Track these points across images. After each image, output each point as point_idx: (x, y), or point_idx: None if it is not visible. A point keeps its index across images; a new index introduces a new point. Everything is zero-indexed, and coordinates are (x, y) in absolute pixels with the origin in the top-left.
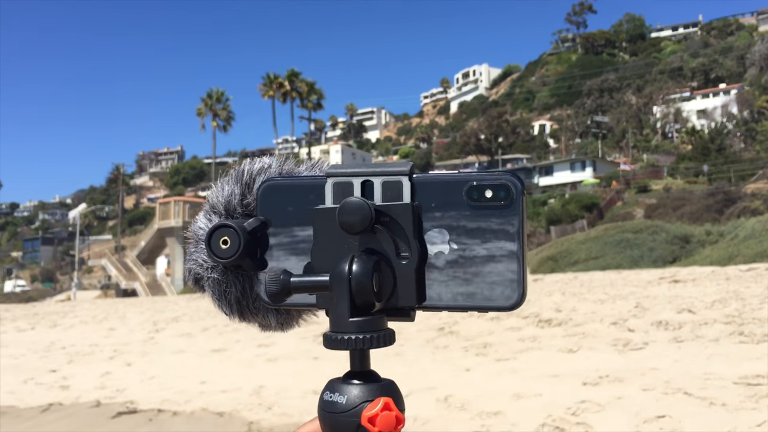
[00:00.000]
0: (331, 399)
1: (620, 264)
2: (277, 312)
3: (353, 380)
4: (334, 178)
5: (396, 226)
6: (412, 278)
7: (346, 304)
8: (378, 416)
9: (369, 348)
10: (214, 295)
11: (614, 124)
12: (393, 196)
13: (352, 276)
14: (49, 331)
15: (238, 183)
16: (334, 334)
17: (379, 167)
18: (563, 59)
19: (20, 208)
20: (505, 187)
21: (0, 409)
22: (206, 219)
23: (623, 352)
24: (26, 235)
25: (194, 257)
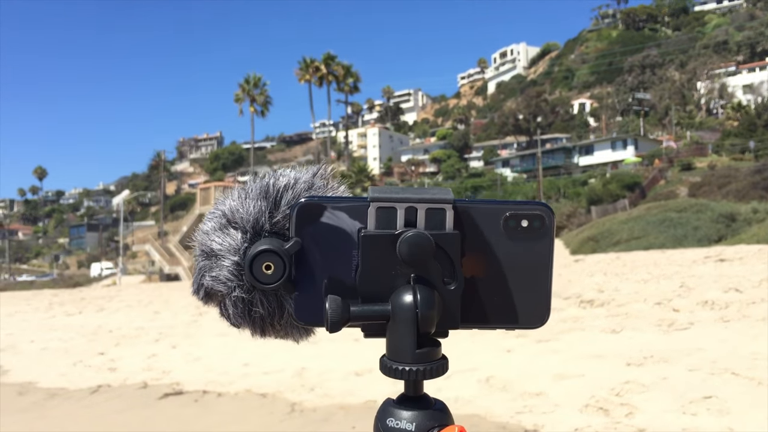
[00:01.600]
0: (398, 426)
1: (663, 243)
2: (301, 328)
3: (413, 406)
4: (378, 203)
5: (443, 254)
6: (457, 304)
7: (410, 335)
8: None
9: (427, 379)
10: (237, 312)
11: (656, 101)
12: (436, 224)
13: (419, 308)
14: (96, 315)
15: (265, 199)
16: (392, 363)
17: (423, 194)
18: (603, 36)
19: (66, 196)
20: (540, 218)
21: (51, 391)
22: (223, 233)
23: (668, 333)
24: (72, 221)
25: (213, 273)
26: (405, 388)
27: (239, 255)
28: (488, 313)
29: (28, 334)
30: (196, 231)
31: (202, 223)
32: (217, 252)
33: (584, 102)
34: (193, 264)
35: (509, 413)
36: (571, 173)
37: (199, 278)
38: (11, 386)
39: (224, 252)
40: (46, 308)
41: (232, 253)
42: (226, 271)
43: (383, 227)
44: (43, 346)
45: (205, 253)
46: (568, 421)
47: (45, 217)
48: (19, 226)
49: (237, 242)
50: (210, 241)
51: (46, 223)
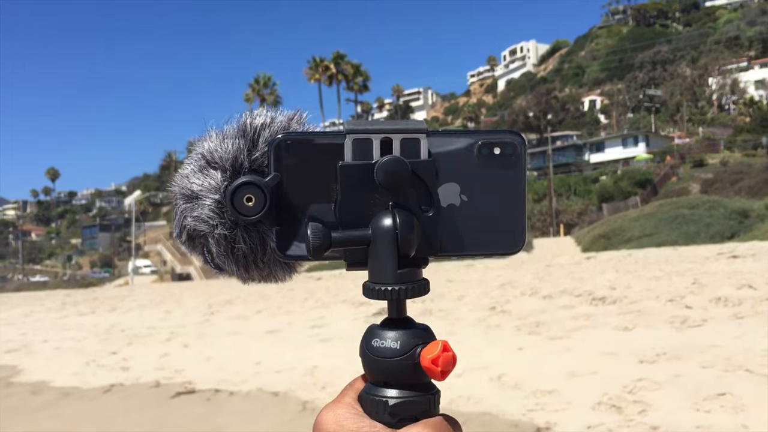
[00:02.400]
0: (383, 345)
1: (676, 240)
2: (284, 265)
3: (397, 326)
4: (354, 135)
5: (419, 182)
6: (434, 231)
7: (391, 256)
8: (440, 357)
9: (409, 298)
10: (220, 251)
11: (668, 97)
12: (411, 153)
13: (398, 230)
14: (108, 314)
15: (243, 137)
16: (376, 285)
17: (397, 125)
18: (614, 32)
19: (78, 197)
20: (512, 145)
21: (64, 390)
22: (203, 175)
23: (681, 330)
24: (84, 222)
25: (195, 214)
26: (389, 310)
27: (220, 193)
28: (465, 241)
29: (42, 334)
30: (175, 176)
31: (180, 168)
32: (198, 193)
33: (595, 99)
34: (173, 210)
35: (521, 411)
36: (582, 171)
37: (180, 221)
38: (25, 386)
39: (204, 192)
40: (59, 308)
41: (212, 192)
42: (208, 210)
43: (360, 158)
44: (57, 346)
45: (185, 196)
46: (581, 419)
47: (58, 218)
48: (32, 227)
49: (217, 181)
50: (190, 183)
51: (58, 223)
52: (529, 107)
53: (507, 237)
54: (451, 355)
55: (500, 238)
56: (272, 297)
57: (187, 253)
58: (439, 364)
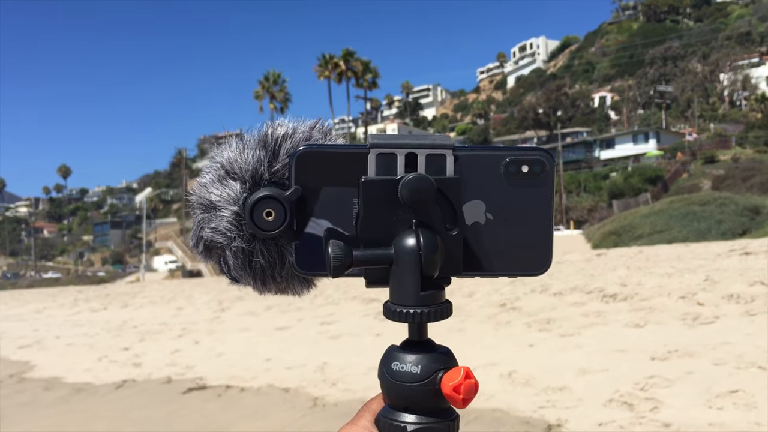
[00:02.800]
0: (403, 369)
1: (687, 237)
2: (302, 279)
3: (418, 350)
4: (378, 149)
5: (443, 200)
6: (458, 250)
7: (414, 278)
8: (462, 384)
9: (431, 321)
10: (237, 264)
11: (679, 93)
12: (437, 170)
13: (422, 250)
14: (120, 311)
15: (264, 148)
16: (396, 306)
17: (423, 139)
18: (624, 28)
19: (89, 194)
20: (540, 163)
21: (77, 386)
22: (222, 185)
23: (693, 327)
24: (96, 219)
25: (213, 225)
26: (409, 332)
27: (239, 205)
28: (490, 260)
29: (54, 330)
30: (194, 185)
31: (199, 176)
32: (216, 203)
33: (605, 95)
34: (192, 218)
35: (532, 408)
36: (592, 167)
37: (198, 231)
38: (38, 381)
39: (223, 203)
40: (71, 304)
41: (231, 203)
42: (226, 222)
43: (383, 173)
44: (69, 342)
45: (203, 205)
46: (592, 415)
47: (69, 215)
48: (44, 224)
49: (236, 192)
50: (208, 194)
51: (70, 220)
52: (539, 104)
53: (533, 257)
54: (474, 382)
55: (526, 257)
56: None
57: (204, 262)
58: (461, 392)
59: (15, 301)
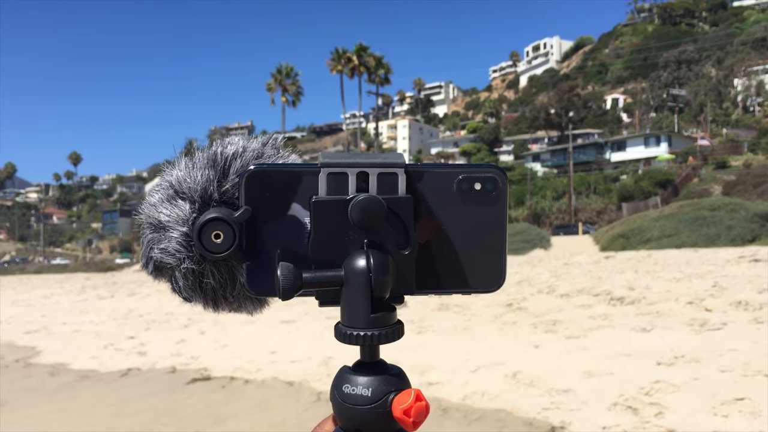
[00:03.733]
0: (354, 392)
1: (696, 242)
2: (254, 299)
3: (369, 371)
4: (329, 168)
5: (396, 219)
6: (411, 269)
7: (364, 300)
8: (412, 407)
9: (382, 343)
10: (187, 285)
11: (692, 97)
12: (388, 189)
13: (372, 272)
14: (127, 299)
15: (213, 168)
16: (347, 329)
17: (375, 158)
18: (639, 30)
19: (99, 182)
20: (493, 180)
21: (82, 373)
22: (171, 205)
23: (700, 332)
24: (105, 207)
25: (162, 246)
26: (361, 354)
27: (188, 225)
28: (443, 278)
29: (61, 317)
30: (142, 203)
31: (148, 195)
32: (165, 223)
33: (617, 97)
34: (141, 238)
35: (536, 409)
36: (603, 169)
37: (147, 252)
38: (43, 367)
39: (172, 223)
40: (78, 291)
41: (180, 224)
42: (175, 243)
43: (335, 193)
44: (75, 329)
45: (152, 225)
46: (596, 419)
47: (79, 202)
48: (54, 210)
49: (185, 213)
50: (157, 213)
51: (80, 207)
52: (551, 104)
53: (486, 274)
54: (424, 405)
55: (479, 275)
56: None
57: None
58: (411, 415)
59: (23, 287)
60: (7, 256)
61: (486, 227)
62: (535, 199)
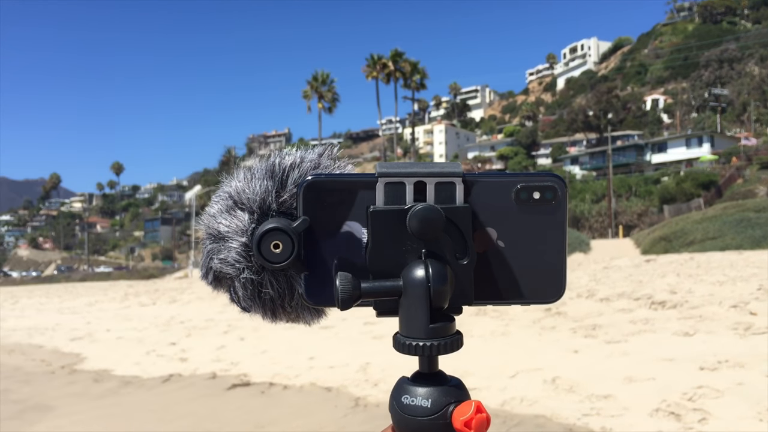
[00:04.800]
0: (413, 403)
1: (741, 244)
2: (312, 310)
3: (428, 382)
4: (387, 178)
5: (454, 229)
6: (470, 279)
7: (423, 310)
8: (473, 419)
9: (441, 354)
10: (246, 295)
11: (735, 96)
12: (446, 198)
13: (431, 282)
14: (168, 306)
15: (271, 179)
16: (405, 339)
17: (432, 167)
18: (679, 29)
19: (141, 191)
20: (552, 189)
21: (125, 379)
22: (230, 215)
23: (744, 337)
24: (147, 215)
25: (222, 256)
26: (420, 364)
27: (247, 236)
28: (501, 288)
29: (105, 324)
30: (202, 214)
31: (208, 206)
32: (225, 234)
33: (657, 98)
34: (201, 248)
35: (576, 415)
36: (643, 171)
37: (207, 262)
38: (88, 373)
39: (231, 234)
40: (121, 299)
41: (239, 234)
42: (234, 253)
43: (392, 203)
44: (119, 335)
45: (212, 236)
46: (638, 425)
47: (122, 211)
48: (97, 219)
49: (244, 223)
50: (217, 224)
51: (122, 216)
52: (589, 106)
53: (546, 285)
54: (485, 417)
55: (539, 285)
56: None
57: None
58: (472, 427)
59: (68, 294)
60: (53, 265)
61: (545, 237)
62: (574, 203)
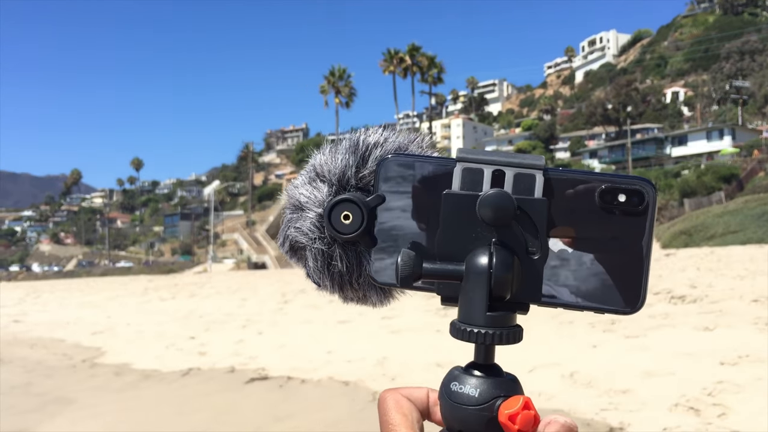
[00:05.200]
0: (461, 391)
1: (762, 239)
2: (379, 290)
3: (481, 373)
4: (465, 163)
5: (528, 221)
6: (539, 275)
7: (482, 297)
8: (519, 414)
9: (497, 344)
10: (317, 266)
11: (756, 88)
12: (524, 190)
13: (493, 269)
14: (187, 300)
15: (354, 154)
16: (463, 326)
17: (513, 158)
18: (699, 21)
19: (160, 186)
20: (639, 194)
21: (145, 372)
22: (311, 187)
23: (765, 331)
24: (166, 210)
25: (298, 225)
26: (475, 354)
27: (323, 207)
28: (574, 291)
29: (125, 318)
30: (288, 185)
31: (295, 177)
32: (304, 204)
33: (678, 90)
34: (282, 218)
35: (594, 410)
36: (663, 164)
37: (285, 230)
38: (109, 367)
39: (310, 204)
40: (141, 293)
41: (316, 205)
42: (309, 223)
43: (468, 188)
44: (139, 329)
45: (293, 206)
46: (657, 420)
47: (141, 206)
48: (117, 215)
49: (323, 195)
50: (298, 194)
51: (142, 211)
52: (608, 99)
53: (622, 293)
54: (533, 414)
55: (615, 293)
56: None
57: (292, 263)
58: (517, 422)
59: (90, 289)
60: (75, 260)
61: (627, 242)
62: None
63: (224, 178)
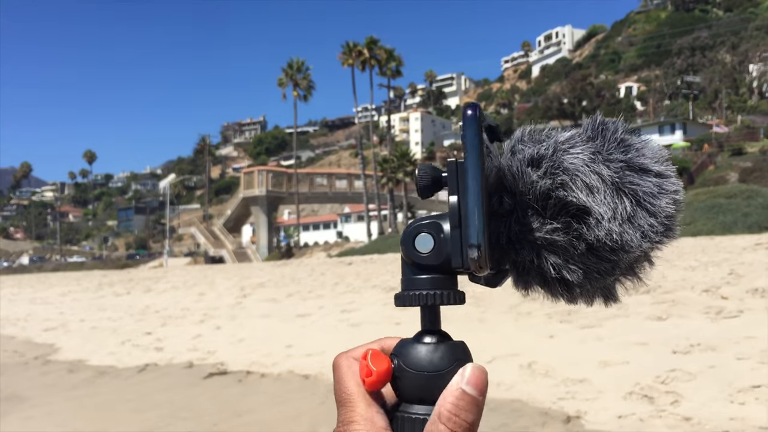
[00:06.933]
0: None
1: (712, 230)
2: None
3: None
4: None
5: None
6: None
7: None
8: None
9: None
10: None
11: (706, 84)
12: None
13: None
14: (143, 295)
15: None
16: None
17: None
18: (652, 17)
19: (114, 179)
20: None
21: (100, 369)
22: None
23: (716, 320)
24: (120, 204)
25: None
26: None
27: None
28: None
29: (79, 314)
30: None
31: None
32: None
33: (631, 85)
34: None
35: (551, 399)
36: None
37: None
38: (62, 364)
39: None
40: (95, 288)
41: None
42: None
43: None
44: (93, 326)
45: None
46: (612, 408)
47: (94, 200)
48: (69, 209)
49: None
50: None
51: (95, 205)
52: (564, 93)
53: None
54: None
55: None
56: (303, 281)
57: None
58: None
59: (41, 285)
60: (25, 255)
61: None
62: None
63: (180, 171)
